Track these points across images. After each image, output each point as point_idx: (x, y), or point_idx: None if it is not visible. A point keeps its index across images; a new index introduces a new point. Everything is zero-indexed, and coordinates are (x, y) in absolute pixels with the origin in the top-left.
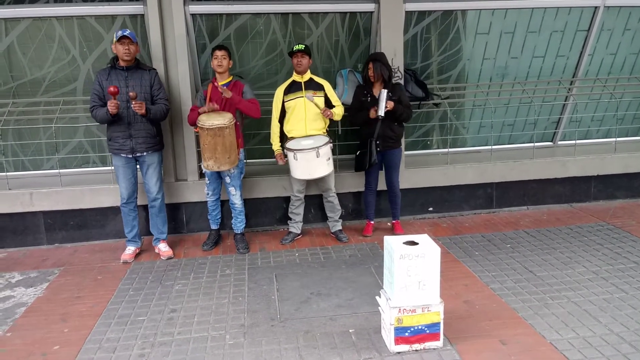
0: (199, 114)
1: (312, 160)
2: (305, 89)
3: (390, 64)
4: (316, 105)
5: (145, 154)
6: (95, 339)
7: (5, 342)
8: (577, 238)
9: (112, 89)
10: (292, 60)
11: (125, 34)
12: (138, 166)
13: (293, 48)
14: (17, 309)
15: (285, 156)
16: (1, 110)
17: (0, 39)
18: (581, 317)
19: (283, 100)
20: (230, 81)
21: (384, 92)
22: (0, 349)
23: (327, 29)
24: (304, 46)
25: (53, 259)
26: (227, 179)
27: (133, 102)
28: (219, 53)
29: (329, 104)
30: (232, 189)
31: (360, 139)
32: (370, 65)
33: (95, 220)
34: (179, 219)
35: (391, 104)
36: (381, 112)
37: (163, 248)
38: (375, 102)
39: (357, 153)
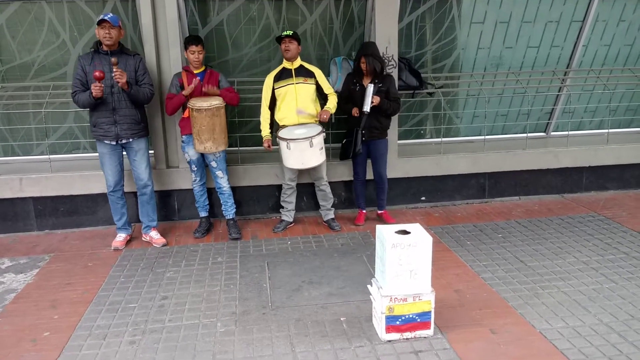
0: (185, 97)
1: (305, 150)
2: (295, 76)
3: (384, 52)
4: (310, 115)
5: (131, 140)
6: (86, 326)
7: None
8: (568, 228)
9: (97, 73)
10: (280, 46)
11: (105, 17)
12: (125, 153)
13: (281, 34)
14: (7, 295)
15: (276, 144)
16: None
17: None
18: (571, 307)
19: (273, 87)
20: (205, 70)
21: (371, 87)
22: None
23: (321, 16)
24: (292, 32)
25: (43, 245)
26: (214, 164)
27: (114, 69)
28: (195, 49)
29: (320, 92)
30: (219, 173)
31: (347, 128)
32: (363, 60)
33: (85, 207)
34: (170, 206)
35: (377, 100)
36: (366, 108)
37: (155, 236)
38: (364, 92)
39: (344, 141)
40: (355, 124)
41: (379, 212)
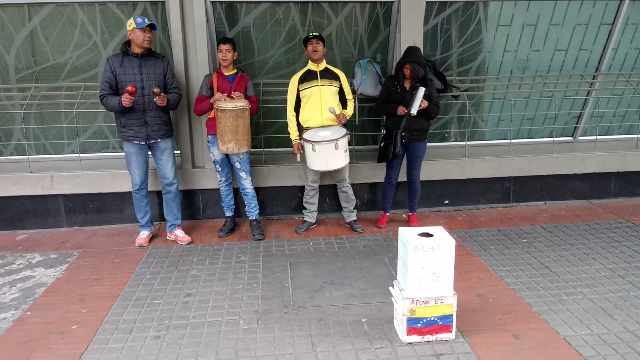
0: (211, 104)
1: (330, 152)
2: (320, 78)
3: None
4: (336, 116)
5: (159, 140)
6: (113, 320)
7: (25, 321)
8: (595, 235)
9: (129, 88)
10: (307, 47)
11: (153, 23)
12: (150, 152)
13: (309, 35)
14: (37, 289)
15: (303, 146)
16: (24, 94)
17: (24, 24)
18: (596, 314)
19: (298, 89)
20: (236, 73)
21: (422, 90)
22: (21, 328)
23: (346, 19)
24: (318, 34)
25: (72, 241)
26: (238, 165)
27: (156, 98)
28: (223, 47)
29: (341, 95)
30: (243, 174)
31: (386, 130)
32: (408, 66)
33: (114, 205)
34: (195, 206)
35: (425, 104)
36: (414, 111)
37: (180, 234)
38: (405, 94)
39: (382, 144)
40: (394, 126)
41: (410, 213)
